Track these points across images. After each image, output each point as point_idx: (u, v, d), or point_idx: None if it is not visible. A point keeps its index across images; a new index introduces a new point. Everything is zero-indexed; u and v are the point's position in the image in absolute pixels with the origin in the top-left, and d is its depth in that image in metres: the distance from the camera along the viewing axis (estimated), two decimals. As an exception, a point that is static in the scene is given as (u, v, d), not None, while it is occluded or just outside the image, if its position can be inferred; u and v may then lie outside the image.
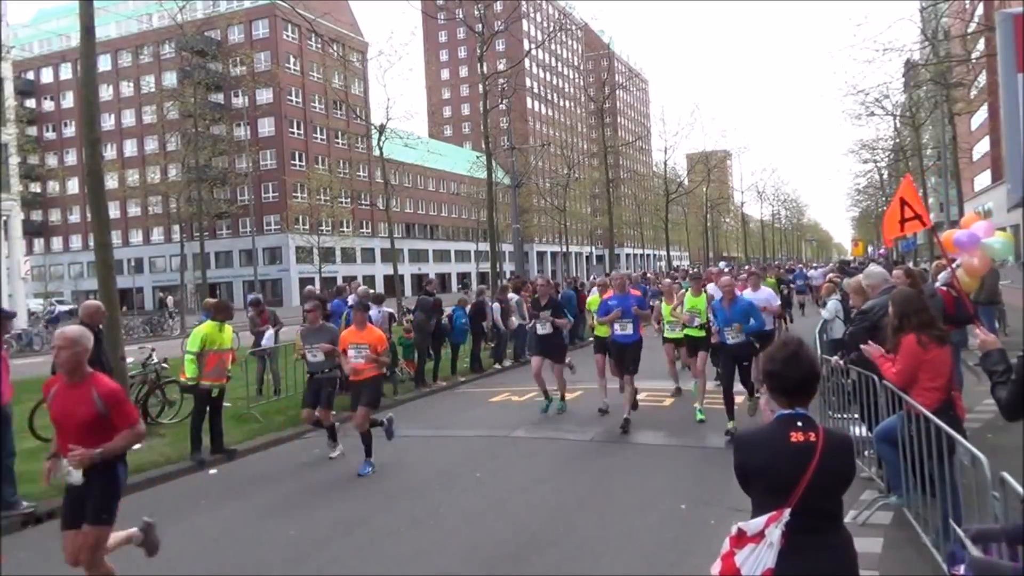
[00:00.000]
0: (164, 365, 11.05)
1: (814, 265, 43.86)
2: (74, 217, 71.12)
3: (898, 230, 5.52)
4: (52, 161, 69.42)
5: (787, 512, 2.59)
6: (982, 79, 35.81)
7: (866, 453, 6.38)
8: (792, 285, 25.37)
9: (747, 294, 10.31)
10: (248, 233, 55.00)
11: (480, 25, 27.59)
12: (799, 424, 2.69)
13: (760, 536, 2.61)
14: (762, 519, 2.62)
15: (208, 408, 8.70)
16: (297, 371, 13.03)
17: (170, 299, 47.32)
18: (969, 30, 23.63)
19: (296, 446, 9.63)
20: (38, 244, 71.71)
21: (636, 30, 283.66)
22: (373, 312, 11.85)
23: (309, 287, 18.80)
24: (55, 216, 73.39)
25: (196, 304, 42.17)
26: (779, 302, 11.79)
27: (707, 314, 9.48)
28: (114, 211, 54.59)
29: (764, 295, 10.84)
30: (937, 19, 28.03)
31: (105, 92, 63.11)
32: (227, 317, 9.05)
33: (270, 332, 12.50)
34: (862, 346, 5.37)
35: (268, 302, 17.21)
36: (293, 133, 65.04)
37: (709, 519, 5.72)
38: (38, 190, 70.50)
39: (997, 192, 43.62)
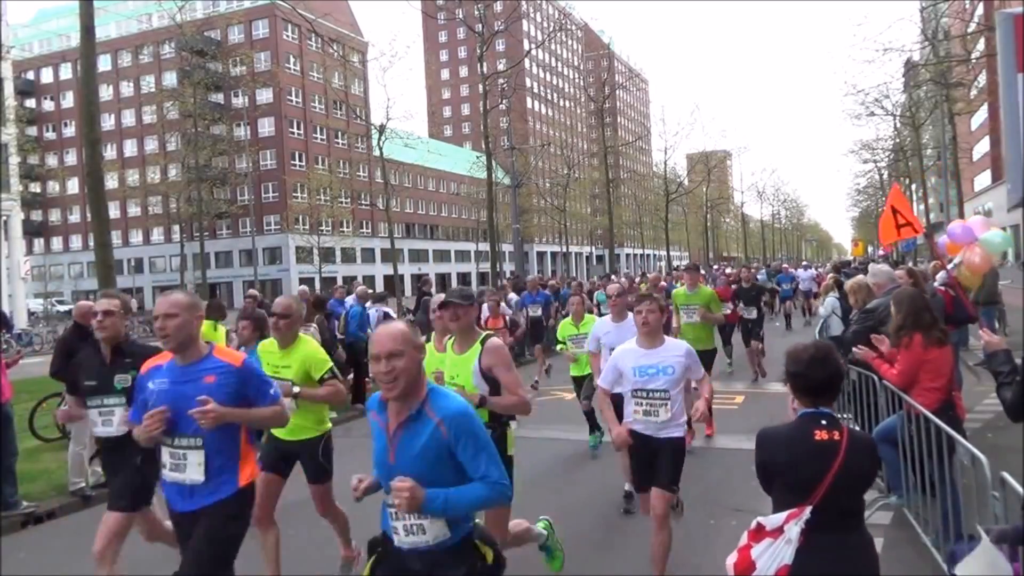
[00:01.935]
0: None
1: (804, 264, 34.57)
2: (74, 217, 71.10)
3: (895, 235, 5.55)
4: (52, 161, 69.39)
5: (808, 509, 2.59)
6: (982, 79, 35.80)
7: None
8: (777, 289, 21.89)
9: (625, 352, 4.57)
10: (248, 233, 55.01)
11: (480, 25, 27.63)
12: (823, 422, 2.70)
13: (779, 532, 2.62)
14: (782, 515, 2.63)
15: None
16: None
17: (134, 301, 47.00)
18: (969, 30, 23.64)
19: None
20: (38, 244, 71.68)
21: (636, 30, 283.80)
22: (371, 312, 11.80)
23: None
24: (55, 216, 73.37)
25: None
26: (702, 374, 4.68)
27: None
28: (114, 211, 54.61)
29: (670, 355, 4.46)
30: (937, 19, 28.05)
31: (105, 92, 63.09)
32: (220, 316, 9.06)
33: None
34: (854, 349, 5.38)
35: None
36: (293, 133, 65.03)
37: (709, 519, 5.72)
38: (38, 190, 70.47)
39: (997, 192, 43.60)
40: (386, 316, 11.84)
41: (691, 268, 9.18)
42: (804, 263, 35.69)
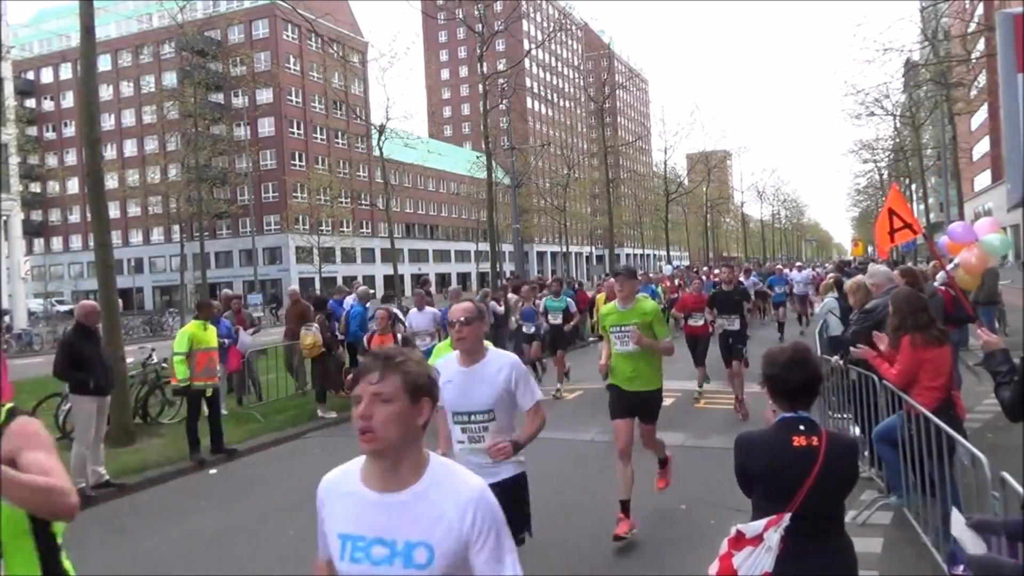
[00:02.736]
0: (164, 365, 11.05)
1: (798, 265, 28.26)
2: (74, 217, 71.11)
3: (888, 241, 5.55)
4: (52, 161, 69.40)
5: (787, 516, 2.58)
6: (982, 79, 35.80)
7: (865, 453, 6.39)
8: (769, 292, 19.88)
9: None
10: (248, 233, 55.02)
11: (480, 25, 27.60)
12: (801, 428, 2.68)
13: (759, 539, 2.61)
14: (762, 522, 2.62)
15: (207, 408, 8.71)
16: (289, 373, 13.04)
17: (123, 303, 46.90)
18: (969, 30, 23.63)
19: (296, 446, 9.63)
20: (38, 244, 71.69)
21: (636, 30, 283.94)
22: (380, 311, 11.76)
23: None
24: (55, 216, 73.37)
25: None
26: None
27: None
28: (114, 211, 54.60)
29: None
30: (937, 19, 28.04)
31: (105, 92, 63.11)
32: (209, 316, 9.05)
33: (244, 336, 12.05)
34: (853, 348, 5.38)
35: (268, 302, 17.00)
36: (293, 133, 65.03)
37: (709, 519, 5.72)
38: (38, 190, 70.48)
39: (997, 192, 43.62)
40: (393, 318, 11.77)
41: (624, 274, 5.85)
42: (798, 264, 28.36)
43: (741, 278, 19.76)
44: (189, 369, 8.47)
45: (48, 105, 72.97)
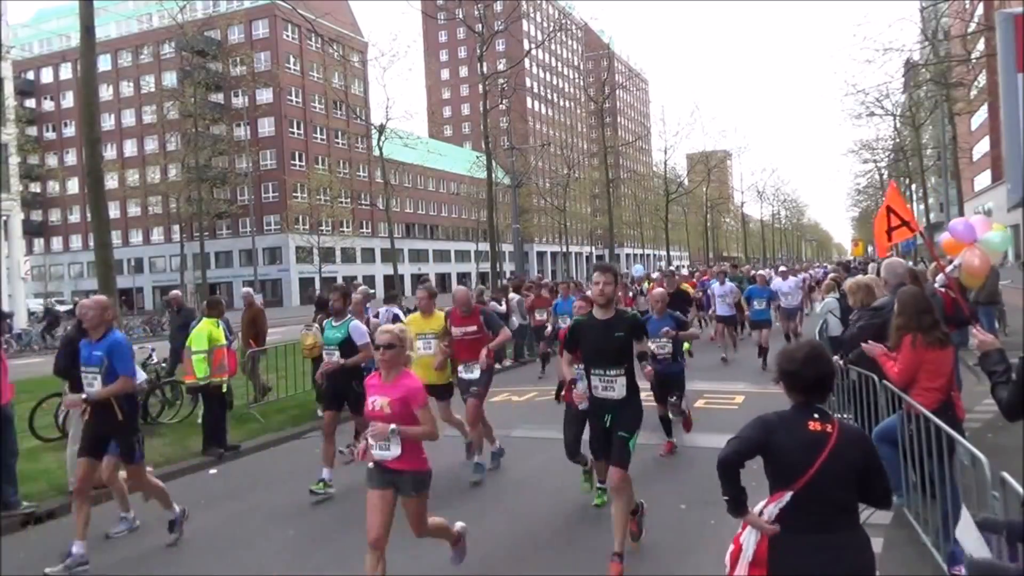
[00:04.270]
0: (164, 365, 11.05)
1: (782, 270, 19.02)
2: (74, 217, 71.13)
3: (886, 240, 5.55)
4: (52, 161, 69.42)
5: (788, 495, 2.67)
6: (982, 79, 35.78)
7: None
8: (745, 307, 14.88)
9: None
10: (248, 233, 55.05)
11: (480, 25, 27.62)
12: (816, 415, 2.78)
13: (759, 515, 2.78)
14: (763, 502, 2.77)
15: (209, 404, 8.75)
16: (296, 370, 13.03)
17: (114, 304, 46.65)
18: (969, 30, 23.61)
19: (296, 446, 9.64)
20: (38, 244, 71.69)
21: (636, 30, 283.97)
22: (382, 311, 11.76)
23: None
24: (55, 216, 73.39)
25: (196, 304, 42.07)
26: None
27: None
28: (114, 211, 54.61)
29: None
30: (937, 19, 28.04)
31: (105, 92, 63.09)
32: (221, 314, 9.11)
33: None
34: (863, 344, 5.36)
35: (267, 302, 16.89)
36: (293, 133, 65.04)
37: (709, 519, 5.72)
38: (38, 190, 70.51)
39: (997, 192, 43.63)
40: (395, 318, 11.76)
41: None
42: (782, 269, 20.65)
43: (715, 287, 15.33)
44: (208, 367, 8.50)
45: (48, 105, 72.97)
